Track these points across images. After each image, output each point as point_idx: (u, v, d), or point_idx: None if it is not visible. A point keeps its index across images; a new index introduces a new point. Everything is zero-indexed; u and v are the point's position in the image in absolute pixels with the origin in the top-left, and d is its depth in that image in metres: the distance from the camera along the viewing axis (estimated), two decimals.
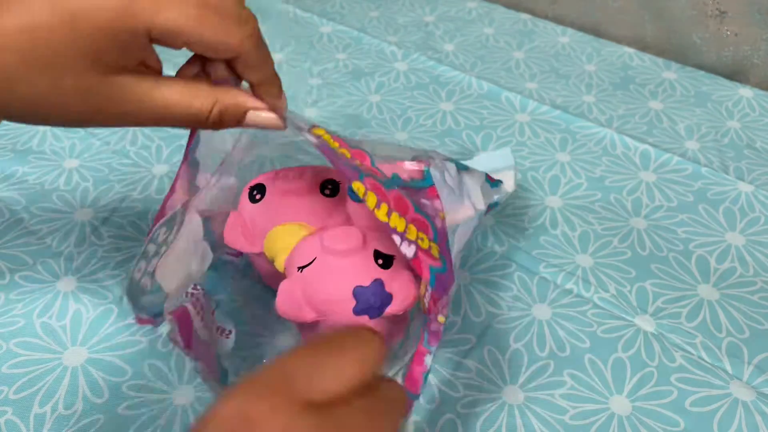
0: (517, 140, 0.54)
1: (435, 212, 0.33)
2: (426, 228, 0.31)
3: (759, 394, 0.36)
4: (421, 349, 0.30)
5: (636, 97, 0.60)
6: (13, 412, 0.34)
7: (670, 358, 0.38)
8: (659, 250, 0.45)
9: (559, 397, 0.36)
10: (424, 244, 0.31)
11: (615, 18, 0.69)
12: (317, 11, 0.71)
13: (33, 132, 0.53)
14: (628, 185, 0.50)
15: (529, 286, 0.42)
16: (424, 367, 0.30)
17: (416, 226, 0.31)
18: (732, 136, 0.55)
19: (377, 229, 0.33)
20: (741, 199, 0.49)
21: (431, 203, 0.34)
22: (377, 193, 0.30)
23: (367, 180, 0.30)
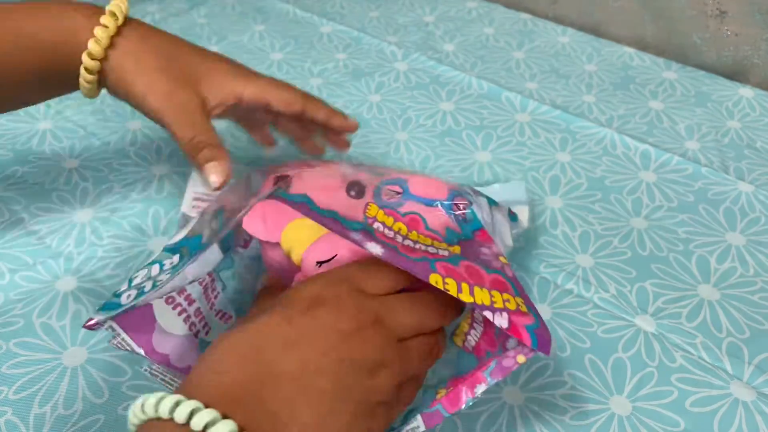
0: (517, 140, 0.54)
1: (496, 258, 0.33)
2: (505, 286, 0.31)
3: (759, 395, 0.36)
4: (477, 376, 0.29)
5: (636, 97, 0.59)
6: (13, 413, 0.34)
7: (670, 358, 0.38)
8: (659, 250, 0.45)
9: (560, 398, 0.36)
10: (511, 305, 0.30)
11: (615, 18, 0.69)
12: (317, 11, 0.71)
13: (33, 132, 0.53)
14: (629, 185, 0.50)
15: (530, 286, 0.42)
16: (472, 393, 0.29)
17: (497, 289, 0.30)
18: (732, 136, 0.55)
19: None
20: (741, 199, 0.49)
21: (489, 249, 0.34)
22: (453, 276, 0.30)
23: (438, 266, 0.30)
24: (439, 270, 0.30)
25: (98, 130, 0.53)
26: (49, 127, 0.54)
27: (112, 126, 0.54)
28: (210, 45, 0.65)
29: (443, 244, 0.33)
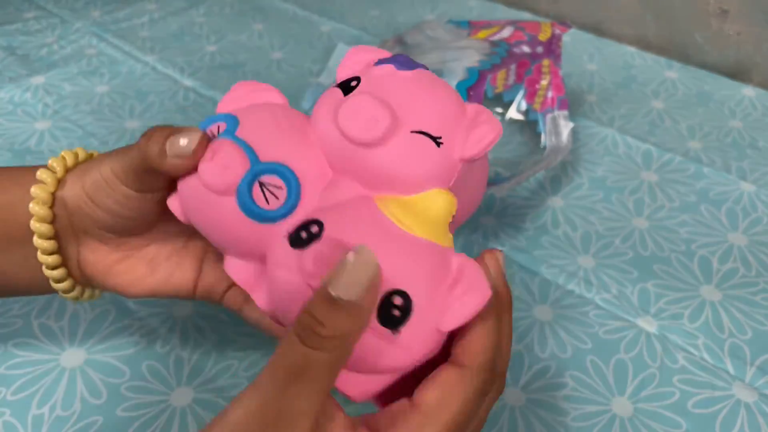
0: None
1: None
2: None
3: (761, 396, 0.36)
4: None
5: (638, 96, 0.59)
6: (11, 414, 0.34)
7: (672, 359, 0.38)
8: (661, 250, 0.45)
9: (561, 399, 0.36)
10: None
11: (617, 17, 0.69)
12: (317, 10, 0.71)
13: (31, 132, 0.53)
14: (630, 185, 0.50)
15: (531, 287, 0.42)
16: None
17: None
18: (734, 135, 0.55)
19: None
20: (743, 199, 0.49)
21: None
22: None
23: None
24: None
25: (97, 130, 0.53)
26: (47, 127, 0.53)
27: (111, 126, 0.54)
28: (209, 44, 0.65)
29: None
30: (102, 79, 0.59)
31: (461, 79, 0.43)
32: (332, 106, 0.26)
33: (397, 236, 0.24)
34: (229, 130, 0.26)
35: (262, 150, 0.25)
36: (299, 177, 0.25)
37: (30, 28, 0.66)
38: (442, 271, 0.24)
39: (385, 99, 0.25)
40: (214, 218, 0.26)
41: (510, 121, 0.54)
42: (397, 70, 0.26)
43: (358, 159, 0.25)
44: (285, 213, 0.25)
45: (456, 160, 0.25)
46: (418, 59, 0.49)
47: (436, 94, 0.26)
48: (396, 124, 0.24)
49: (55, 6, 0.69)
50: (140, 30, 0.66)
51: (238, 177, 0.25)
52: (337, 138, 0.25)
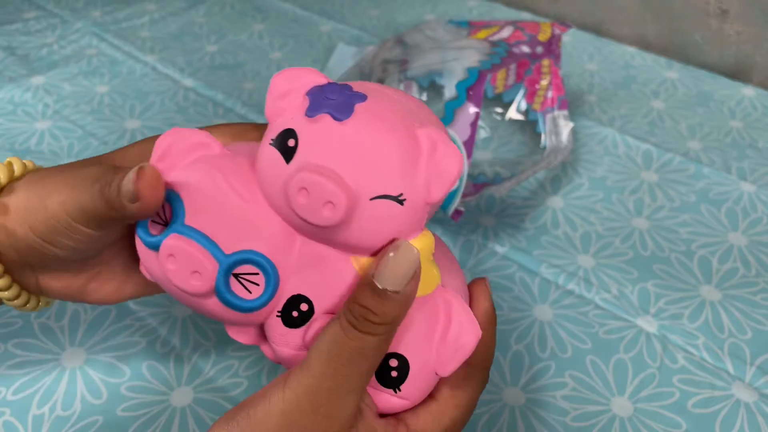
0: None
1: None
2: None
3: (761, 396, 0.36)
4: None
5: (638, 96, 0.59)
6: (11, 413, 0.34)
7: (671, 359, 0.38)
8: (661, 250, 0.45)
9: (561, 399, 0.36)
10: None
11: (616, 17, 0.69)
12: (317, 10, 0.71)
13: (31, 131, 0.53)
14: (630, 185, 0.50)
15: (531, 287, 0.42)
16: None
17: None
18: (734, 135, 0.55)
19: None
20: (743, 199, 0.49)
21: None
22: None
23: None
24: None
25: (96, 130, 0.53)
26: (47, 127, 0.53)
27: (111, 125, 0.54)
28: (209, 44, 0.65)
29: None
30: (102, 79, 0.59)
31: (461, 79, 0.43)
32: (279, 177, 0.23)
33: None
34: (176, 216, 0.24)
35: (222, 239, 0.24)
36: (270, 257, 0.24)
37: (30, 28, 0.66)
38: (431, 322, 0.24)
39: (334, 169, 0.22)
40: (200, 309, 0.26)
41: (510, 121, 0.54)
42: (335, 120, 0.23)
43: (323, 235, 0.24)
44: (269, 297, 0.24)
45: (423, 206, 0.23)
46: (418, 59, 0.48)
47: (386, 142, 0.23)
48: (354, 200, 0.22)
49: (56, 6, 0.69)
50: (140, 30, 0.66)
51: (211, 280, 0.24)
52: (296, 218, 0.23)
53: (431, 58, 0.48)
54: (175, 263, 0.24)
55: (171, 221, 0.24)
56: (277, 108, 0.24)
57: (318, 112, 0.23)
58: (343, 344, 0.23)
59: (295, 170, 0.23)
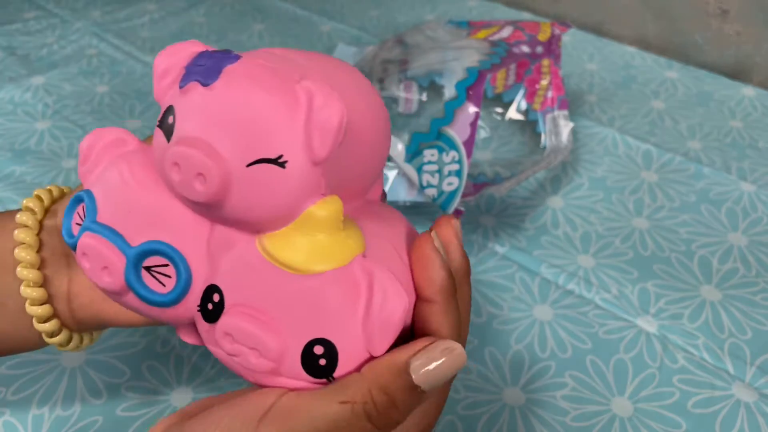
0: None
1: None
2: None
3: (761, 396, 0.36)
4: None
5: (638, 96, 0.59)
6: (11, 413, 0.34)
7: (672, 359, 0.38)
8: (661, 250, 0.45)
9: (561, 399, 0.36)
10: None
11: (617, 17, 0.69)
12: (317, 10, 0.71)
13: (31, 132, 0.53)
14: (630, 185, 0.50)
15: (531, 287, 0.42)
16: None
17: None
18: (734, 135, 0.55)
19: None
20: (743, 199, 0.49)
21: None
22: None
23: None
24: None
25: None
26: (47, 127, 0.53)
27: (111, 125, 0.54)
28: (209, 44, 0.65)
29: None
30: (102, 79, 0.59)
31: (461, 78, 0.43)
32: (162, 151, 0.22)
33: (290, 285, 0.21)
34: (89, 214, 0.23)
35: (128, 232, 0.23)
36: (178, 246, 0.23)
37: (30, 28, 0.66)
38: (351, 297, 0.21)
39: (204, 138, 0.21)
40: (132, 309, 0.24)
41: (510, 121, 0.54)
42: (203, 86, 0.21)
43: (214, 215, 0.22)
44: (182, 291, 0.23)
45: (310, 167, 0.21)
46: (418, 59, 0.48)
47: (257, 101, 0.21)
48: (226, 169, 0.20)
49: (56, 6, 0.69)
50: (140, 30, 0.66)
51: (120, 275, 0.23)
52: (185, 199, 0.22)
53: (431, 58, 0.48)
54: (88, 261, 0.23)
55: (84, 221, 0.24)
56: (161, 88, 0.23)
57: (188, 82, 0.22)
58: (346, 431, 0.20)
59: (169, 147, 0.21)
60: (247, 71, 0.21)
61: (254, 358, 0.22)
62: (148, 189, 0.23)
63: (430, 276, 0.22)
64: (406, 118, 0.49)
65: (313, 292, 0.21)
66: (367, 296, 0.21)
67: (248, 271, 0.22)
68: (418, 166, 0.42)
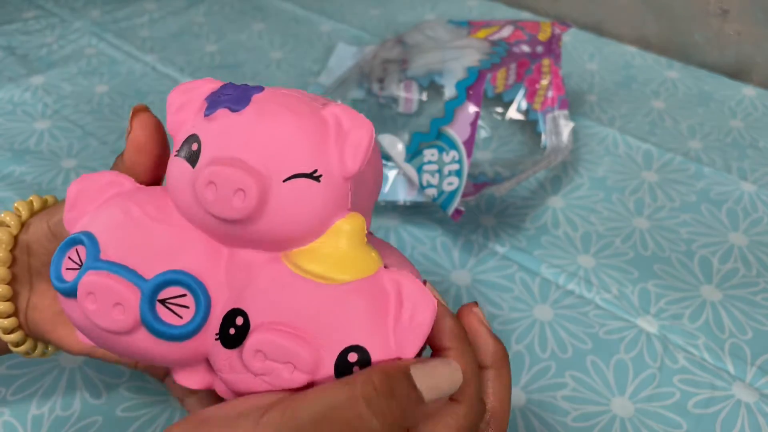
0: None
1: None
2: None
3: (762, 396, 0.36)
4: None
5: (638, 96, 0.59)
6: (10, 414, 0.34)
7: (672, 359, 0.38)
8: (662, 250, 0.44)
9: (561, 399, 0.36)
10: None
11: (617, 16, 0.69)
12: (317, 9, 0.71)
13: (30, 132, 0.53)
14: (631, 185, 0.50)
15: (531, 287, 0.42)
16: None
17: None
18: (735, 135, 0.55)
19: None
20: (744, 199, 0.48)
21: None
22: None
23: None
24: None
25: (96, 130, 0.53)
26: (47, 127, 0.53)
27: (110, 125, 0.54)
28: (209, 43, 0.65)
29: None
30: (102, 79, 0.59)
31: (461, 78, 0.43)
32: (187, 183, 0.22)
33: (321, 294, 0.22)
34: (90, 255, 0.22)
35: (141, 264, 0.22)
36: (196, 275, 0.22)
37: (30, 28, 0.66)
38: (381, 304, 0.22)
39: (239, 157, 0.21)
40: (137, 353, 0.23)
41: (510, 121, 0.54)
42: (233, 112, 0.22)
43: (244, 232, 0.22)
44: (202, 320, 0.22)
45: (342, 182, 0.22)
46: (418, 59, 0.48)
47: (289, 120, 0.22)
48: (264, 182, 0.21)
49: (55, 6, 0.69)
50: (140, 30, 0.66)
51: (135, 311, 0.22)
52: (213, 222, 0.22)
53: (431, 57, 0.48)
54: (95, 301, 0.22)
55: (84, 262, 0.22)
56: (177, 122, 0.24)
57: (215, 110, 0.22)
58: (344, 414, 0.20)
59: (200, 169, 0.22)
60: (274, 98, 0.23)
61: (288, 373, 0.21)
62: (159, 221, 0.23)
63: (481, 346, 0.24)
64: (406, 118, 0.49)
65: (344, 300, 0.22)
66: (396, 303, 0.22)
67: (277, 288, 0.22)
68: (418, 166, 0.42)
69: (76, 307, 0.23)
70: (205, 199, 0.21)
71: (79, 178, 0.24)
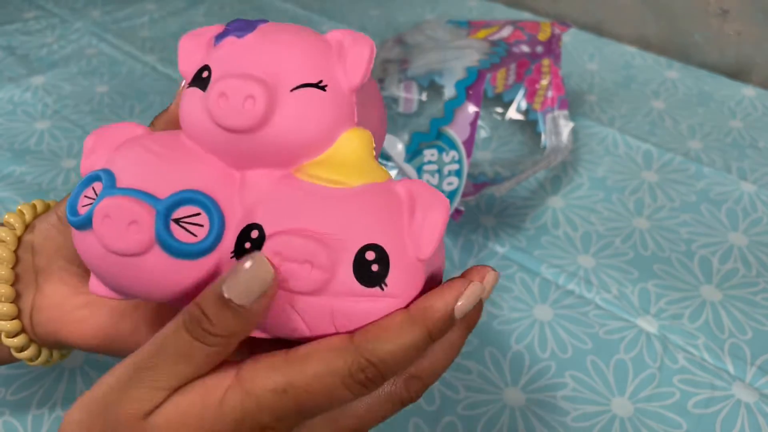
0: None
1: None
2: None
3: (762, 396, 0.36)
4: None
5: (638, 96, 0.59)
6: (10, 414, 0.34)
7: (672, 359, 0.38)
8: (662, 250, 0.44)
9: (561, 399, 0.36)
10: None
11: (617, 16, 0.69)
12: (317, 10, 0.71)
13: (30, 131, 0.53)
14: (631, 185, 0.50)
15: (531, 287, 0.42)
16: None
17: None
18: (735, 135, 0.55)
19: None
20: (744, 199, 0.49)
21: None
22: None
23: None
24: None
25: None
26: (47, 127, 0.53)
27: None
28: None
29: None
30: (102, 79, 0.59)
31: (460, 78, 0.43)
32: (199, 106, 0.23)
33: (335, 196, 0.22)
34: (106, 185, 0.23)
35: (155, 187, 0.22)
36: (209, 194, 0.23)
37: (30, 28, 0.66)
38: (394, 205, 0.22)
39: (246, 71, 0.23)
40: (150, 280, 0.23)
41: (510, 121, 0.54)
42: (239, 38, 0.24)
43: (256, 145, 0.23)
44: (217, 236, 0.22)
45: (348, 94, 0.23)
46: (418, 59, 0.48)
47: (293, 39, 0.24)
48: (272, 90, 0.22)
49: (55, 6, 0.69)
50: (140, 30, 0.66)
51: (150, 229, 0.22)
52: (223, 136, 0.23)
53: (431, 57, 0.48)
54: (110, 224, 0.22)
55: (100, 193, 0.23)
56: (190, 63, 0.25)
57: (222, 39, 0.24)
58: (172, 343, 0.21)
59: (211, 87, 0.22)
60: (278, 26, 0.25)
61: (306, 272, 0.21)
62: (173, 149, 0.24)
63: (444, 295, 0.22)
64: (406, 118, 0.49)
65: (357, 201, 0.22)
66: (409, 205, 0.23)
67: (289, 196, 0.22)
68: (418, 166, 0.42)
69: (89, 238, 0.23)
70: (217, 112, 0.22)
71: (96, 130, 0.25)
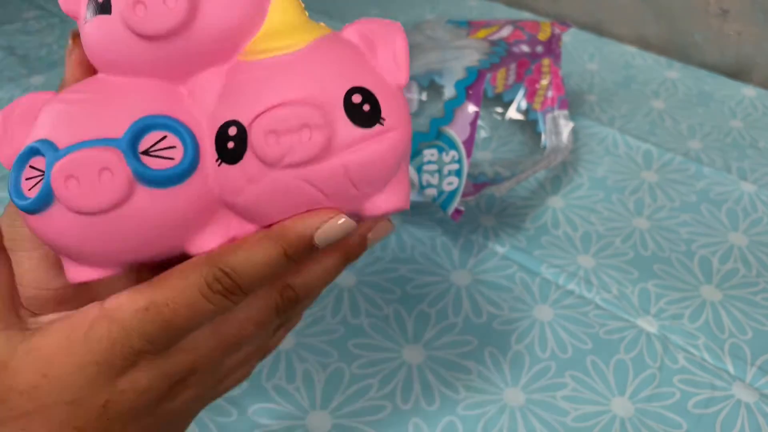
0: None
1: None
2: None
3: (762, 396, 0.36)
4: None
5: (638, 96, 0.59)
6: None
7: (672, 359, 0.38)
8: (662, 250, 0.44)
9: (561, 399, 0.36)
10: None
11: (617, 16, 0.69)
12: (317, 9, 0.71)
13: None
14: (631, 185, 0.50)
15: (531, 287, 0.42)
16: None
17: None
18: (735, 135, 0.55)
19: None
20: (744, 199, 0.48)
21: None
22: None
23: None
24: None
25: None
26: None
27: None
28: None
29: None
30: None
31: (460, 78, 0.43)
32: (111, 28, 0.21)
33: (295, 59, 0.21)
34: (51, 153, 0.20)
35: (104, 131, 0.20)
36: (164, 113, 0.21)
37: (30, 28, 0.66)
38: (351, 48, 0.22)
39: None
40: (143, 226, 0.21)
41: (510, 121, 0.54)
42: None
43: (189, 44, 0.21)
44: (194, 150, 0.21)
45: None
46: (418, 59, 0.48)
47: None
48: None
49: (55, 6, 0.69)
50: None
51: (123, 169, 0.20)
52: (151, 49, 0.21)
53: (431, 57, 0.48)
54: (76, 184, 0.19)
55: (47, 163, 0.20)
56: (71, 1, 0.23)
57: None
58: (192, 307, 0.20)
59: (118, 4, 0.21)
60: None
61: (306, 137, 0.20)
62: (101, 91, 0.22)
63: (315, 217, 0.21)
64: None
65: (319, 54, 0.22)
66: (366, 44, 0.23)
67: (252, 79, 0.21)
68: (418, 166, 0.42)
69: (54, 213, 0.20)
70: (136, 21, 0.20)
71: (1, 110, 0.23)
